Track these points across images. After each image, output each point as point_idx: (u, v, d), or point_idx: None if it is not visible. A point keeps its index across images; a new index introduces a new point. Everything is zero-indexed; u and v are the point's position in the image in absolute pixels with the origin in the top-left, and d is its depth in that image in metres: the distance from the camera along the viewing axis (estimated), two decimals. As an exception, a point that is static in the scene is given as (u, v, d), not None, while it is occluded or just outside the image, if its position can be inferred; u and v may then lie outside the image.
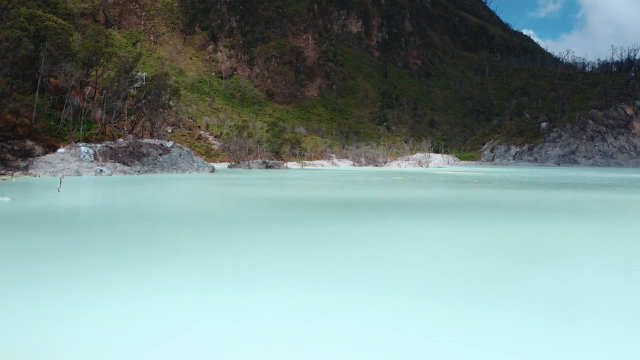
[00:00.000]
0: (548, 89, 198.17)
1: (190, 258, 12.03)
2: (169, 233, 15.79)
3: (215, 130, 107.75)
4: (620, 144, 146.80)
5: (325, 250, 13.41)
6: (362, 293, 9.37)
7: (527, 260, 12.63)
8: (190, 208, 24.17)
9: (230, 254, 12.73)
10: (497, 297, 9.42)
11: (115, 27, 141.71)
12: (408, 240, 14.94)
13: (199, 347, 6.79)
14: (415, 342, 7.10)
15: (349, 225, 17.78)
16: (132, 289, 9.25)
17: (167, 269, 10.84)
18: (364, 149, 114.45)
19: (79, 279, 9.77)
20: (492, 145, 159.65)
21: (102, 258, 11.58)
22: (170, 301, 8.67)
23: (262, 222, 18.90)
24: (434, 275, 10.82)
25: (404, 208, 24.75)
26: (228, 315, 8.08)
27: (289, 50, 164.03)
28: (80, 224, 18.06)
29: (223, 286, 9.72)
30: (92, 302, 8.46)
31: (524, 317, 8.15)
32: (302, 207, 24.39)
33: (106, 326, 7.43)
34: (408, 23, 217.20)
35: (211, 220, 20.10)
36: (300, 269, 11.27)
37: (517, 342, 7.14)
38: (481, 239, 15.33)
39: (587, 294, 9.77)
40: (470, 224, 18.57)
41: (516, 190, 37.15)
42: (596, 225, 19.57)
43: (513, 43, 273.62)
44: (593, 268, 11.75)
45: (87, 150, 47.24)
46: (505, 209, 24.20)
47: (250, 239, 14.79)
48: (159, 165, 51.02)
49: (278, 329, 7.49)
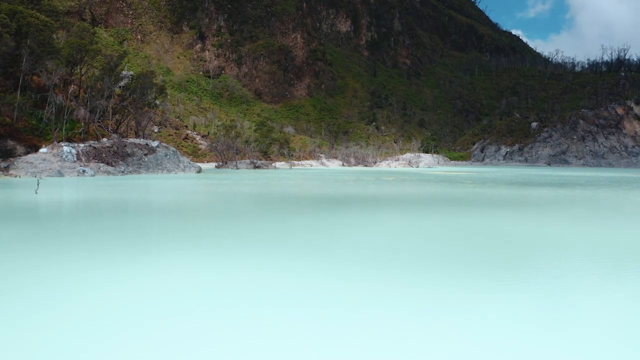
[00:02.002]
0: (538, 89, 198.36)
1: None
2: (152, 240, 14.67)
3: (202, 130, 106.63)
4: (612, 144, 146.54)
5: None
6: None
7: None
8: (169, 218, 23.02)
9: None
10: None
11: (102, 26, 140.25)
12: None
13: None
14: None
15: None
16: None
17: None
18: (353, 148, 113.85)
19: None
20: (482, 145, 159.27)
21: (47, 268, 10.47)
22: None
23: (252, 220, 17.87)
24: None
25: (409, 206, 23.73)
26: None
27: (277, 49, 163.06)
28: (47, 228, 16.85)
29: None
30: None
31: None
32: (292, 207, 23.37)
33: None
34: (397, 22, 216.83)
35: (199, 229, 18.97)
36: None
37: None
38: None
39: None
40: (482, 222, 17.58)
41: (515, 190, 36.13)
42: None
43: (502, 43, 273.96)
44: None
45: (70, 150, 46.01)
46: (514, 209, 23.21)
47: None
48: (144, 166, 49.81)
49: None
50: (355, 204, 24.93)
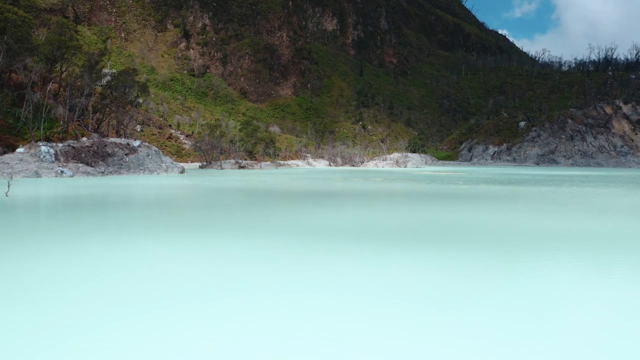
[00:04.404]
0: (525, 88, 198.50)
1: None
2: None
3: (186, 130, 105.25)
4: (600, 143, 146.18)
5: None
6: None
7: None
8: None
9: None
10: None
11: (85, 24, 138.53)
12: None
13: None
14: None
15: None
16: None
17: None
18: (340, 148, 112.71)
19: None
20: (470, 145, 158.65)
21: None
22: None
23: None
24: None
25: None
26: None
27: (262, 48, 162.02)
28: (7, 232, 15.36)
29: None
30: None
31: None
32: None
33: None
34: (384, 21, 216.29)
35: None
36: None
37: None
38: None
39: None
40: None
41: (514, 189, 34.90)
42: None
43: (489, 42, 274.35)
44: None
45: (48, 150, 44.38)
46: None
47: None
48: (125, 166, 48.22)
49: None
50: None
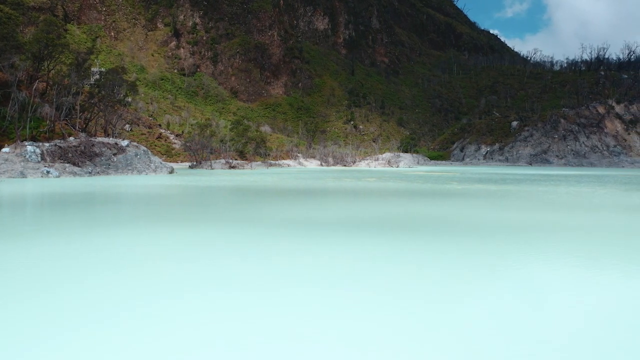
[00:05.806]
0: (517, 88, 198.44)
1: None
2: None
3: (176, 129, 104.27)
4: (593, 143, 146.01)
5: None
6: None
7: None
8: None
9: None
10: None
11: (74, 23, 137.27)
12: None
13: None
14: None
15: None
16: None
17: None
18: (331, 148, 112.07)
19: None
20: (462, 145, 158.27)
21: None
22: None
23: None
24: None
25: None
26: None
27: (253, 47, 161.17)
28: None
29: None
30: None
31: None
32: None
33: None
34: (375, 20, 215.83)
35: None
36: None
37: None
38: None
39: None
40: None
41: (517, 188, 34.17)
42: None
43: (481, 42, 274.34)
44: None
45: (34, 149, 43.43)
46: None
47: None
48: (112, 166, 47.28)
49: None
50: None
